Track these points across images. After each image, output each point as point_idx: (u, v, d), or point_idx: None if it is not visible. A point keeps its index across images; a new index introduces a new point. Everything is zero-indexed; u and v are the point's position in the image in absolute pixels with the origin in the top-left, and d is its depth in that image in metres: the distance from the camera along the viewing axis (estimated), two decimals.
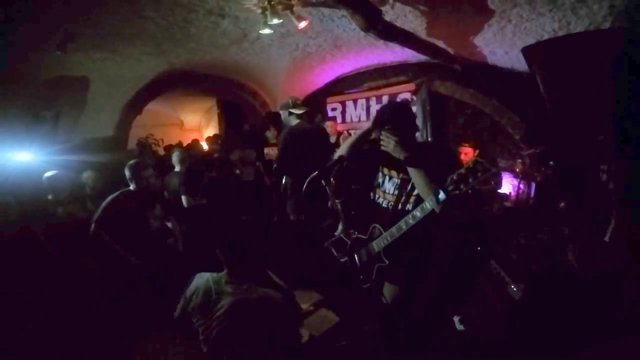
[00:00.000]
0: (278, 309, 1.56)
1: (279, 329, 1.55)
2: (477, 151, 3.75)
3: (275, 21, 2.70)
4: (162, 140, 7.06)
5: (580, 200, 3.09)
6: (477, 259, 2.34)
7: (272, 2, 2.63)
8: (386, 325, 1.80)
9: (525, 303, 2.09)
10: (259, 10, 2.82)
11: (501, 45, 3.56)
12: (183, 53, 4.08)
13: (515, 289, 2.14)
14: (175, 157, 4.03)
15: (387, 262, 1.80)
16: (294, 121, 3.25)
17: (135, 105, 5.00)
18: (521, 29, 3.06)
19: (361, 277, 1.85)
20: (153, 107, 6.95)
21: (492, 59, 4.01)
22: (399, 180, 1.87)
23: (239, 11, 3.01)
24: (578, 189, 3.11)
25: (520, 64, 3.67)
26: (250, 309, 1.51)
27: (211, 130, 8.60)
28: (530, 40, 3.16)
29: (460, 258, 2.32)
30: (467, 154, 3.76)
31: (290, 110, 3.23)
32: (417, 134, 2.27)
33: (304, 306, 2.31)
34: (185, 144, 6.51)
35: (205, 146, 6.72)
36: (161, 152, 6.52)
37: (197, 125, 9.46)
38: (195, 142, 6.74)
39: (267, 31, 2.98)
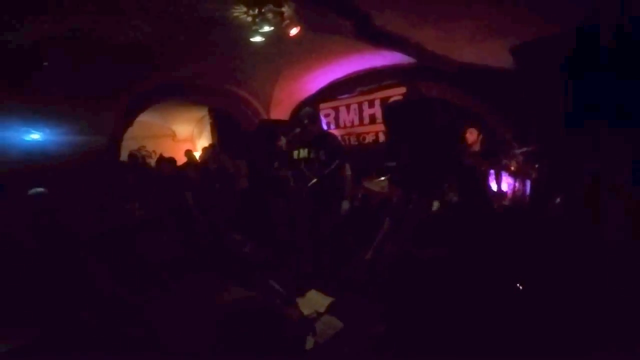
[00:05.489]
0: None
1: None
2: (481, 134, 4.09)
3: (267, 29, 2.72)
4: (155, 152, 6.99)
5: (573, 195, 3.12)
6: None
7: (263, 10, 2.65)
8: (392, 329, 1.79)
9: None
10: (249, 18, 2.84)
11: (488, 46, 3.63)
12: (173, 62, 4.07)
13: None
14: None
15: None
16: None
17: (127, 116, 4.94)
18: (505, 30, 3.12)
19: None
20: (144, 118, 6.89)
21: (479, 60, 4.08)
22: None
23: (229, 19, 3.02)
24: (571, 184, 3.14)
25: (507, 63, 3.74)
26: None
27: (204, 140, 8.54)
28: (516, 40, 3.23)
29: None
30: (472, 133, 4.12)
31: None
32: None
33: (307, 312, 2.28)
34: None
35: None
36: (153, 164, 6.45)
37: (190, 135, 9.40)
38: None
39: (258, 39, 2.99)
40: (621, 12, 2.04)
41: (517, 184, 3.89)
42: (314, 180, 2.96)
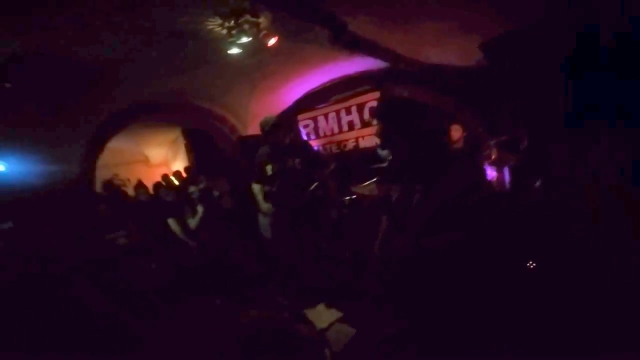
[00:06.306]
0: None
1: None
2: (465, 130, 4.17)
3: (245, 39, 2.69)
4: (129, 179, 6.66)
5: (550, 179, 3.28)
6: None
7: (240, 21, 2.62)
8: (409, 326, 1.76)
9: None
10: (224, 31, 2.80)
11: (453, 46, 3.80)
12: (143, 80, 3.91)
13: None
14: None
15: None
16: None
17: (97, 142, 4.67)
18: (470, 29, 3.28)
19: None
20: (114, 144, 6.60)
21: (445, 60, 4.25)
22: None
23: (203, 32, 2.95)
24: (548, 168, 3.30)
25: (473, 60, 3.93)
26: None
27: (179, 163, 8.24)
28: (480, 39, 3.40)
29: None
30: (457, 130, 4.20)
31: None
32: None
33: (319, 325, 2.21)
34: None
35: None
36: (130, 192, 6.14)
37: (164, 159, 9.04)
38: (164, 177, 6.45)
39: (236, 51, 2.96)
40: (621, 12, 2.08)
41: (497, 173, 4.07)
42: (314, 185, 2.96)
